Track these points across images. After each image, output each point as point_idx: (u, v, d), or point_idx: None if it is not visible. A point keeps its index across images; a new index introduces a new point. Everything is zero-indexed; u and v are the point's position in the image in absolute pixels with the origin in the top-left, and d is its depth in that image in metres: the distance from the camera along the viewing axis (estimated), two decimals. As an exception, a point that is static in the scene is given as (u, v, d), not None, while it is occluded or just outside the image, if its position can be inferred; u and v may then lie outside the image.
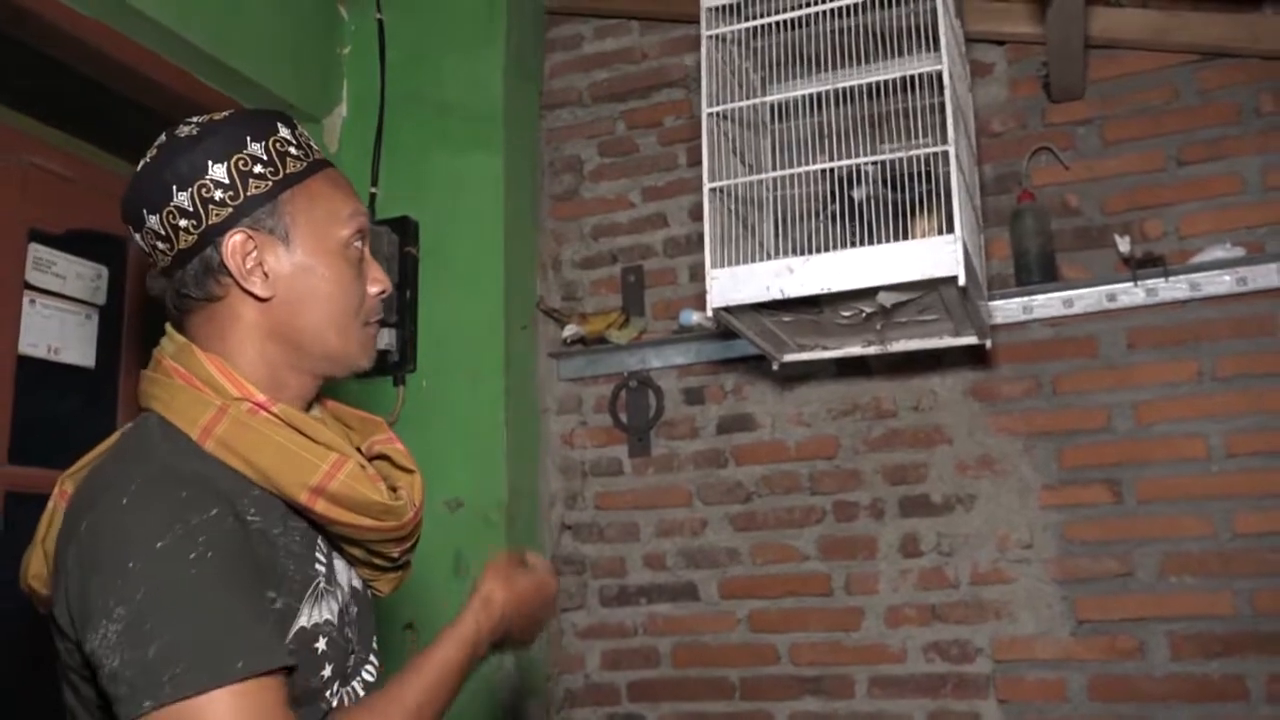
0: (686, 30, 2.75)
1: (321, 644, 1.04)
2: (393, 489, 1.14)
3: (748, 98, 2.04)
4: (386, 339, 2.48)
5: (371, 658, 1.17)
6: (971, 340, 2.11)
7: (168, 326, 1.13)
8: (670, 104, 2.79)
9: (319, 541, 1.10)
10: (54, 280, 1.99)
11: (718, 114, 1.97)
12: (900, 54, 1.95)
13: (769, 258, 1.93)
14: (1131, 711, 2.14)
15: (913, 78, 1.87)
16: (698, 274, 2.66)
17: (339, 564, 1.14)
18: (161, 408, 1.06)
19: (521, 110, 2.79)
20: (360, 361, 1.16)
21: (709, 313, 1.91)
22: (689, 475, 2.59)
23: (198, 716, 0.85)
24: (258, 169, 1.09)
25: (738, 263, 1.90)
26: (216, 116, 1.12)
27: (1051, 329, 2.32)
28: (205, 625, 0.89)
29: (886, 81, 1.89)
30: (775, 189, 2.05)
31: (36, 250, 1.96)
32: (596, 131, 2.85)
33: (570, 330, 2.67)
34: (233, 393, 1.05)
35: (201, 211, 1.06)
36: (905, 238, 1.81)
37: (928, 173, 1.84)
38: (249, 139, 1.09)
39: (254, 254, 1.08)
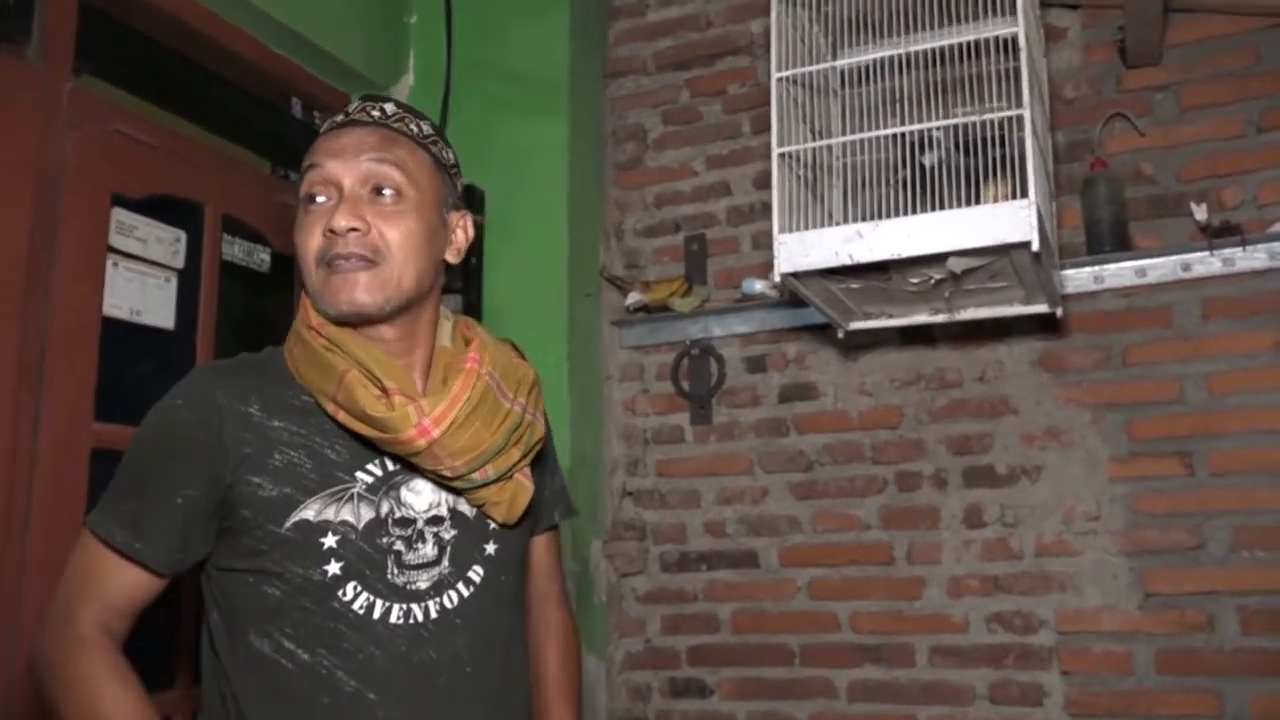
0: (752, -4, 2.73)
1: (330, 540, 1.14)
2: (411, 401, 1.16)
3: (816, 63, 2.03)
4: (452, 305, 2.51)
5: (456, 587, 1.21)
6: (1042, 309, 2.09)
7: None
8: (734, 72, 2.77)
9: (382, 457, 1.20)
10: (135, 244, 2.04)
11: (787, 79, 1.96)
12: (970, 19, 1.92)
13: (836, 224, 1.92)
14: (1200, 685, 2.11)
15: (986, 42, 1.85)
16: (760, 242, 2.65)
17: (419, 484, 1.21)
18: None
19: (586, 79, 2.79)
20: (335, 303, 1.18)
21: (776, 278, 1.91)
22: (750, 443, 2.59)
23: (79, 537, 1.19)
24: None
25: (806, 228, 1.89)
26: None
27: (1124, 299, 2.29)
28: (111, 485, 1.19)
29: (959, 46, 1.87)
30: (844, 155, 2.04)
31: (119, 215, 2.00)
32: (660, 100, 2.85)
33: (633, 298, 2.68)
34: (303, 321, 1.23)
35: None
36: (976, 203, 1.80)
37: (1000, 138, 1.81)
38: (319, 133, 1.27)
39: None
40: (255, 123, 2.48)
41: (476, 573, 1.23)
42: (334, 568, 1.14)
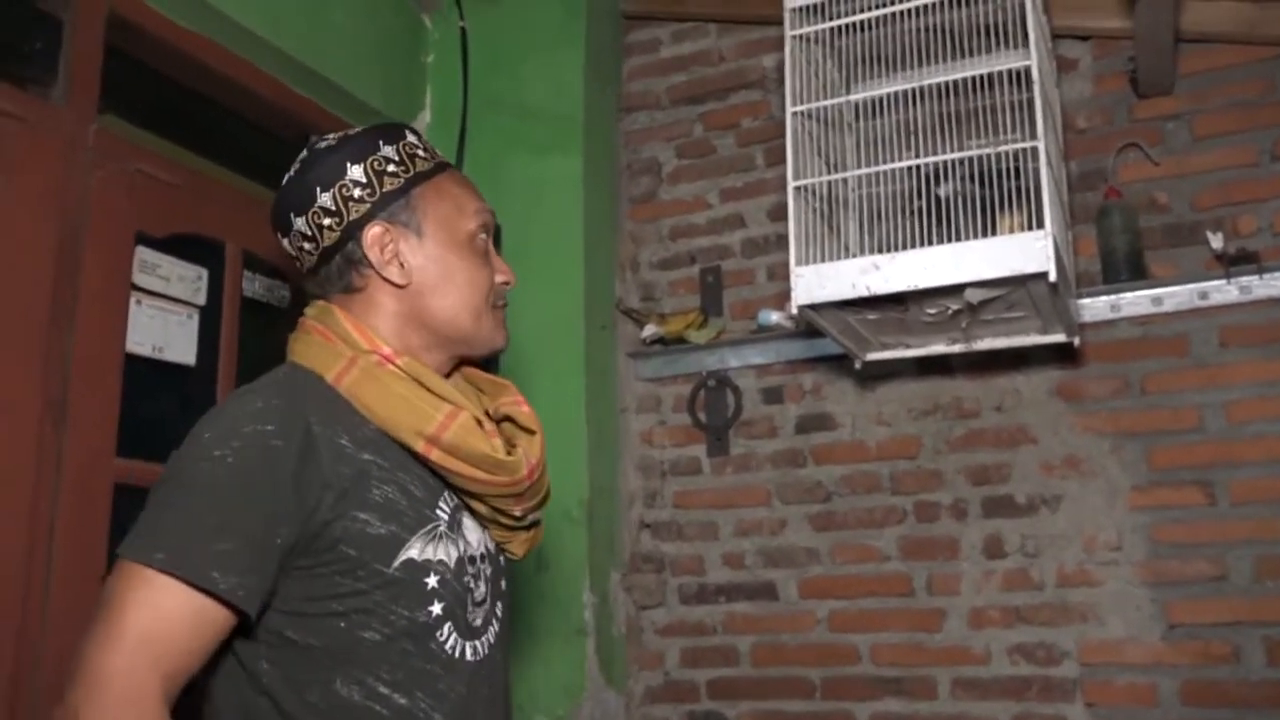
0: (764, 32, 2.76)
1: (432, 581, 1.11)
2: (513, 446, 1.20)
3: (830, 97, 2.05)
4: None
5: (494, 623, 1.22)
6: (1060, 338, 2.09)
7: (311, 300, 1.26)
8: (748, 105, 2.80)
9: (445, 494, 1.18)
10: (158, 282, 2.07)
11: (802, 113, 1.98)
12: (983, 52, 1.94)
13: (853, 256, 1.93)
14: (1226, 717, 2.09)
15: (999, 74, 1.86)
16: (776, 274, 2.67)
17: (468, 522, 1.21)
18: (300, 359, 1.17)
19: (600, 114, 2.82)
20: (496, 341, 1.26)
21: (794, 310, 1.92)
22: (767, 475, 2.59)
23: (120, 575, 0.99)
24: (390, 168, 1.20)
25: (822, 261, 1.90)
26: (350, 131, 1.24)
27: (1140, 327, 2.28)
28: (171, 513, 1.01)
29: (972, 78, 1.88)
30: (859, 187, 2.05)
31: (142, 253, 2.03)
32: (674, 134, 2.87)
33: (649, 330, 2.69)
34: (363, 345, 1.16)
35: (343, 209, 1.18)
36: (992, 234, 1.80)
37: (1015, 169, 1.82)
38: (381, 143, 1.22)
39: (391, 245, 1.19)
40: (275, 161, 2.50)
41: (500, 609, 1.25)
42: (436, 609, 1.11)
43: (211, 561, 0.99)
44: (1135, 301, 2.27)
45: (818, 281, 1.87)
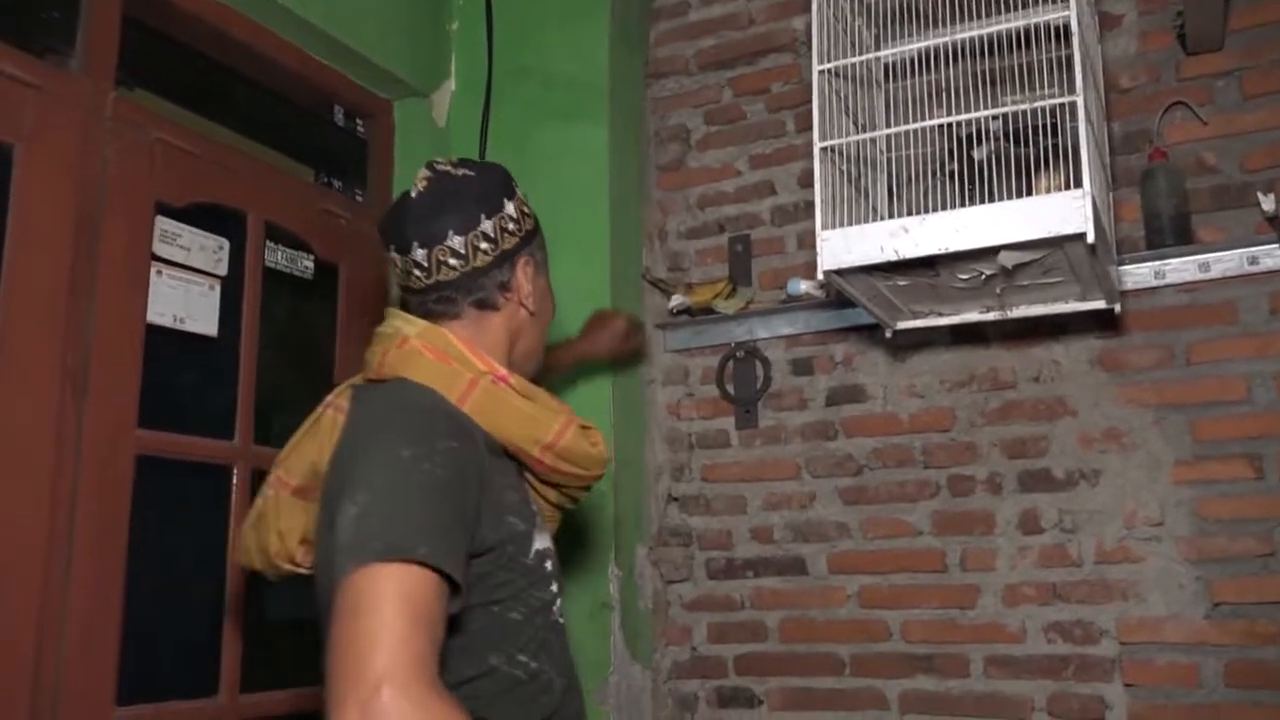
0: (795, -7, 2.69)
1: (549, 565, 1.34)
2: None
3: (860, 55, 1.97)
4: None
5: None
6: (1099, 305, 2.01)
7: (396, 312, 1.39)
8: (778, 69, 2.73)
9: (527, 489, 1.39)
10: (179, 252, 2.06)
11: (829, 71, 1.91)
12: (1017, 8, 1.86)
13: (881, 219, 1.86)
14: (1271, 699, 2.01)
15: (1036, 28, 1.78)
16: (805, 242, 2.60)
17: None
18: (416, 377, 1.29)
19: (627, 80, 2.76)
20: (536, 367, 1.50)
21: (820, 276, 1.86)
22: (797, 447, 2.54)
23: (378, 577, 1.01)
24: (526, 209, 1.44)
25: (849, 224, 1.84)
26: (470, 163, 1.42)
27: (1186, 294, 2.19)
28: (412, 515, 1.08)
29: (1008, 34, 1.80)
30: (889, 149, 1.98)
31: (162, 223, 2.02)
32: (703, 100, 2.81)
33: (676, 301, 2.64)
34: (480, 367, 1.31)
35: (499, 237, 1.37)
36: (1028, 195, 1.73)
37: (1053, 127, 1.75)
38: (515, 187, 1.43)
39: (532, 277, 1.42)
40: (298, 131, 2.49)
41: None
42: (554, 587, 1.34)
43: (455, 551, 1.09)
44: (1181, 267, 2.17)
45: (844, 246, 1.81)
